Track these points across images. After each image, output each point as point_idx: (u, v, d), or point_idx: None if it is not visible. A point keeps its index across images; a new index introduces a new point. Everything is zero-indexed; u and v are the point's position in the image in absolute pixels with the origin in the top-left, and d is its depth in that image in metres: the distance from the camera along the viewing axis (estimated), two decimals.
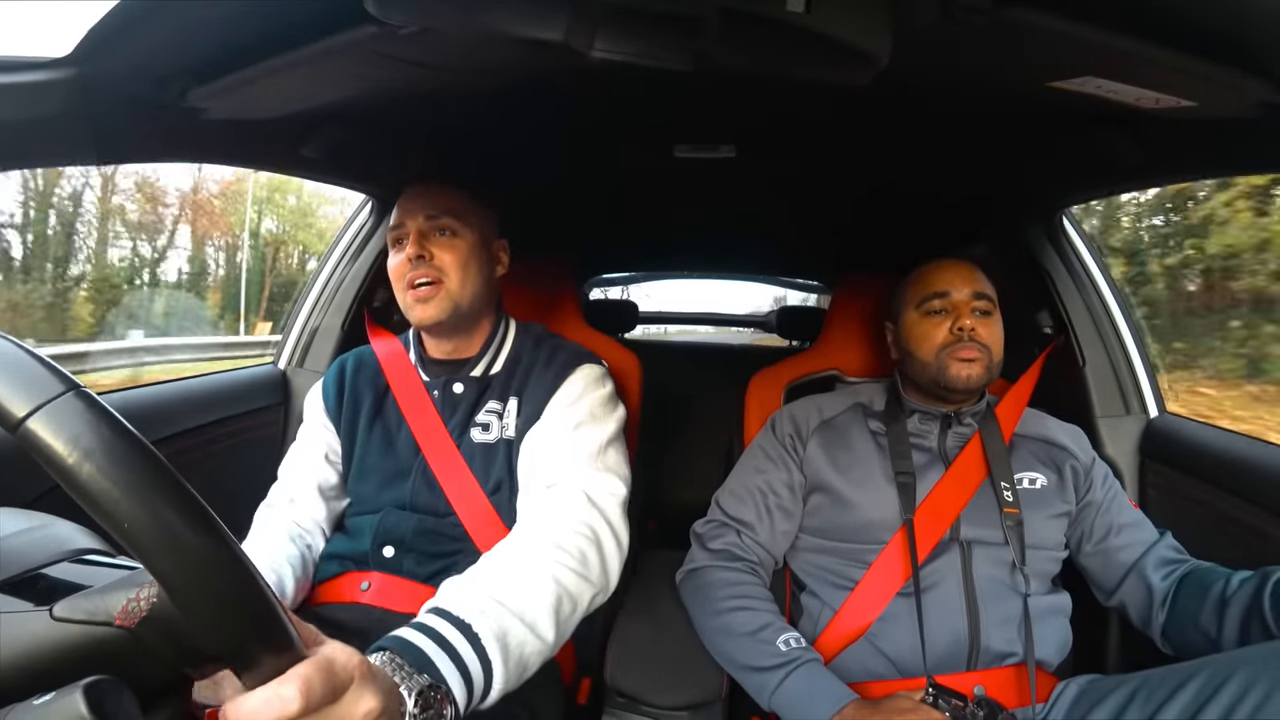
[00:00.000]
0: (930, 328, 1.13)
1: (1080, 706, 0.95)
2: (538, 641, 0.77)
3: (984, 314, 1.13)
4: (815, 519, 1.15)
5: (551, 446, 1.03)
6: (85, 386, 0.39)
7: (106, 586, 0.44)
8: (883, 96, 0.84)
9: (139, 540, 0.38)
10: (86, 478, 0.37)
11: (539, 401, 1.08)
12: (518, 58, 0.86)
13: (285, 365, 1.62)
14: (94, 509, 0.37)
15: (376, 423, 1.13)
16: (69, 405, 0.38)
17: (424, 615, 0.73)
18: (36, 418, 0.37)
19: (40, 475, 0.37)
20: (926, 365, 1.13)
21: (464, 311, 1.09)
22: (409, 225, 1.08)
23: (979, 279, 1.15)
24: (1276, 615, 0.87)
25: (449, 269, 1.07)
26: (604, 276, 3.27)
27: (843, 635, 1.06)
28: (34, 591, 0.46)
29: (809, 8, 0.58)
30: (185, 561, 0.39)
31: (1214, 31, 0.66)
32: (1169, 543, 1.09)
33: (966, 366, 1.09)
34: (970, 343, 1.09)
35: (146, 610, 0.43)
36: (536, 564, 0.85)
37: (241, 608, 0.41)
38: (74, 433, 0.37)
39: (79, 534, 0.53)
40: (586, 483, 0.98)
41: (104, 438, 0.37)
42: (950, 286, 1.13)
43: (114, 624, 0.43)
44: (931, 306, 1.14)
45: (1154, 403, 1.37)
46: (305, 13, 0.74)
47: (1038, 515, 1.08)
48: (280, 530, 1.06)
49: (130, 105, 0.83)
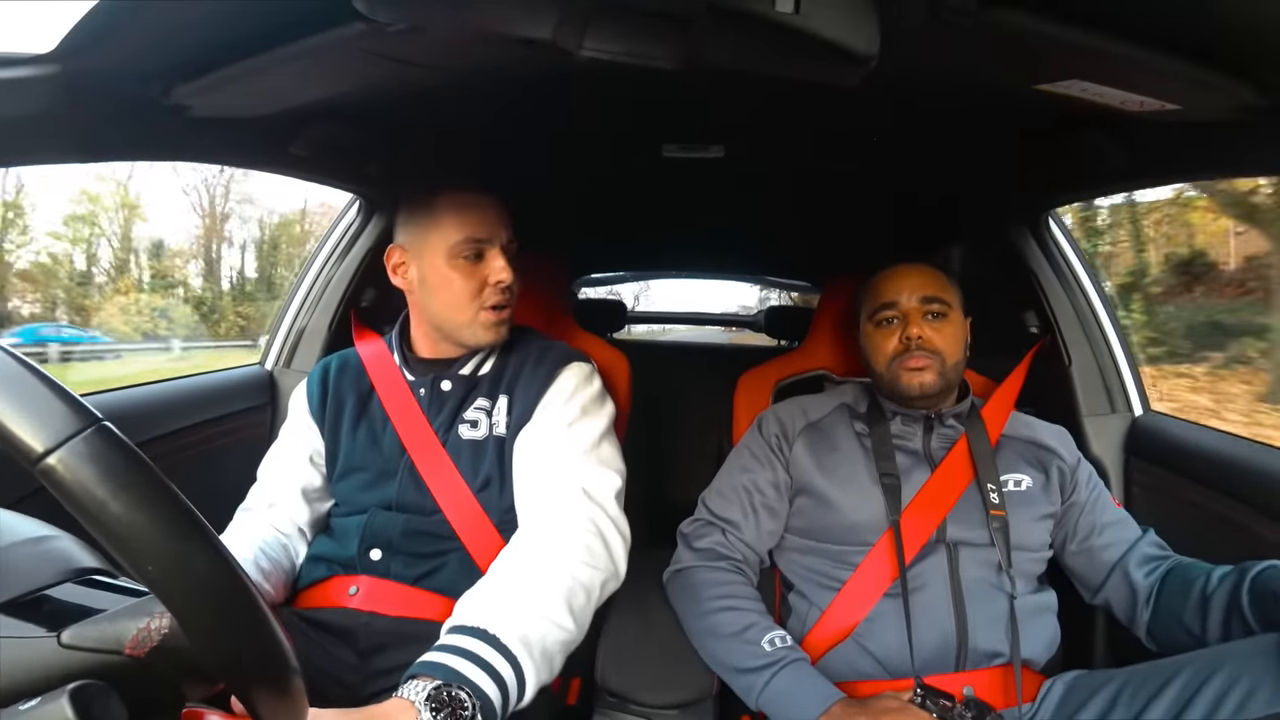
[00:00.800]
0: (882, 339, 1.14)
1: (1068, 704, 0.95)
2: (559, 631, 0.82)
3: (937, 316, 1.13)
4: (801, 520, 1.15)
5: (547, 445, 1.03)
6: (107, 421, 0.38)
7: (116, 614, 0.44)
8: (871, 97, 0.84)
9: (162, 581, 0.37)
10: (111, 518, 0.36)
11: (530, 401, 1.08)
12: (506, 56, 0.86)
13: (272, 366, 1.61)
14: (118, 548, 0.36)
15: (361, 423, 1.12)
16: (92, 442, 0.36)
17: (445, 636, 0.78)
18: (57, 454, 0.35)
19: (22, 477, 0.37)
20: (882, 376, 1.15)
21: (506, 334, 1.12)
22: (494, 243, 1.07)
23: (931, 281, 1.14)
24: (1255, 611, 0.88)
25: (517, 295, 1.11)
26: (593, 276, 3.27)
27: (830, 635, 1.06)
28: (39, 615, 0.45)
29: (797, 8, 0.58)
30: (205, 602, 0.39)
31: (1198, 36, 0.67)
32: (1151, 539, 1.10)
33: (917, 375, 1.10)
34: (918, 352, 1.10)
35: (158, 640, 0.43)
36: (545, 561, 0.88)
37: (253, 642, 0.41)
38: (98, 471, 0.36)
39: (79, 550, 0.52)
40: (584, 479, 0.99)
41: (130, 477, 0.37)
42: (898, 295, 1.13)
43: (124, 653, 0.42)
44: (882, 317, 1.15)
45: (1138, 401, 1.39)
46: (292, 10, 0.73)
47: (1023, 516, 1.09)
48: (255, 537, 1.04)
49: (114, 103, 0.82)
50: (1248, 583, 0.90)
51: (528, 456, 1.04)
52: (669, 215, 2.09)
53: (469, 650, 0.74)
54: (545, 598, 0.83)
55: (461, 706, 0.68)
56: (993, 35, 0.69)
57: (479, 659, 0.74)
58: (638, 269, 3.33)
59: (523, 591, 0.84)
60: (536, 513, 0.97)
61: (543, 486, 1.00)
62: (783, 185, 1.70)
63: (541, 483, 1.01)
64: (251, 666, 0.42)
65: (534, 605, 0.82)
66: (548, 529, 0.93)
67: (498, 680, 0.73)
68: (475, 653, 0.74)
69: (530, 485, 1.02)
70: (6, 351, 0.38)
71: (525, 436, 1.06)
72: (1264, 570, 0.89)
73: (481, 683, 0.72)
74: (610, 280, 3.43)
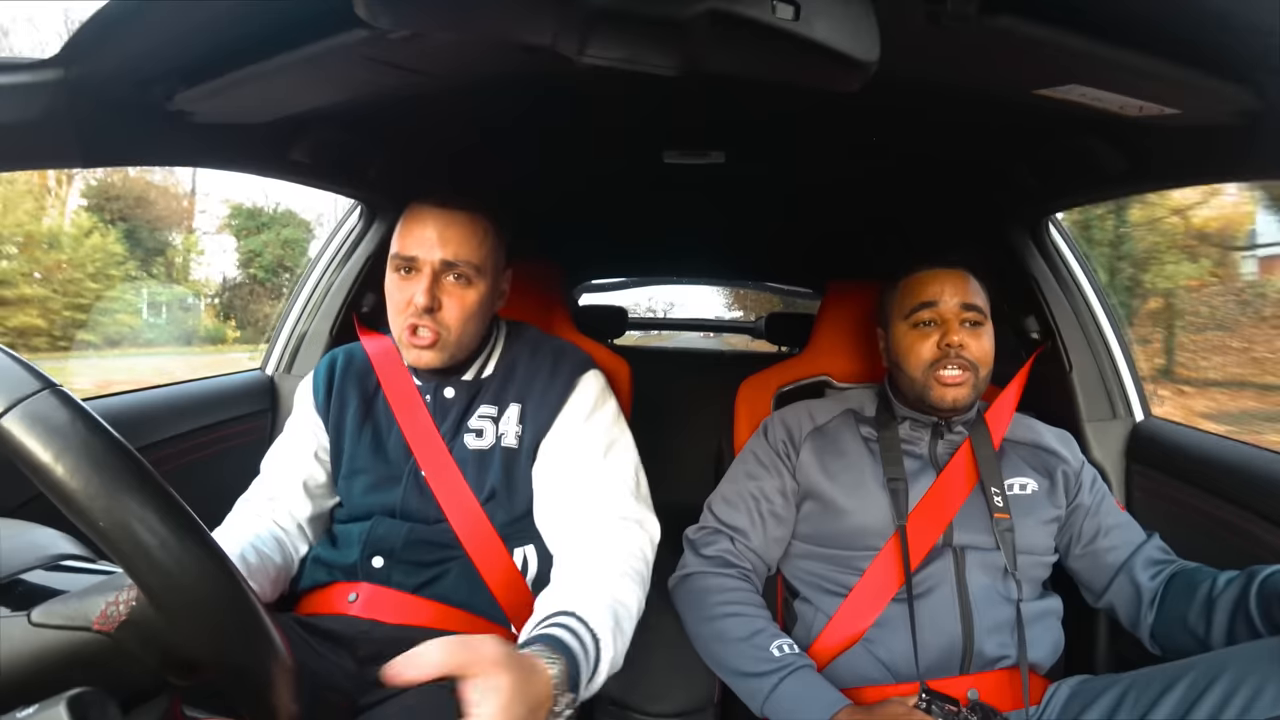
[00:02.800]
0: (917, 341, 1.11)
1: (1072, 708, 0.95)
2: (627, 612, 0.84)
3: (974, 325, 1.10)
4: (808, 526, 1.14)
5: (585, 472, 1.02)
6: (61, 385, 0.38)
7: (85, 591, 0.44)
8: (871, 103, 0.85)
9: (115, 540, 0.37)
10: (61, 475, 0.36)
11: (548, 413, 1.06)
12: (507, 62, 0.86)
13: (273, 371, 1.61)
14: (69, 507, 0.37)
15: (366, 423, 1.10)
16: (44, 403, 0.37)
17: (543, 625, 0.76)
18: (10, 415, 0.36)
19: (23, 482, 0.37)
20: (914, 381, 1.12)
21: (460, 358, 1.07)
22: (421, 263, 1.01)
23: (969, 288, 1.12)
24: (1263, 614, 0.87)
25: (454, 323, 1.02)
26: (594, 282, 3.27)
27: (837, 641, 1.06)
28: (11, 597, 0.45)
29: (797, 14, 0.58)
30: (163, 562, 0.38)
31: (1197, 40, 0.67)
32: (1156, 544, 1.10)
33: (952, 390, 1.08)
34: (957, 360, 1.07)
35: (125, 614, 0.42)
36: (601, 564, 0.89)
37: (223, 612, 0.40)
38: (49, 430, 0.36)
39: (58, 539, 0.52)
40: (636, 524, 0.98)
41: (79, 435, 0.37)
42: (938, 296, 1.10)
43: (93, 628, 0.42)
44: (920, 318, 1.11)
45: (1139, 407, 1.38)
46: (294, 16, 0.73)
47: (1028, 520, 1.09)
48: (247, 532, 1.02)
49: (117, 107, 0.82)
50: (1256, 586, 0.89)
51: (558, 477, 1.03)
52: (669, 221, 2.09)
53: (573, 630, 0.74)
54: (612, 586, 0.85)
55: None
56: (992, 41, 0.69)
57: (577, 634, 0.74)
58: (638, 275, 3.33)
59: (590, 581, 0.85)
60: (591, 546, 0.95)
61: (588, 519, 0.98)
62: (783, 191, 1.70)
63: (586, 514, 0.98)
64: (228, 641, 0.41)
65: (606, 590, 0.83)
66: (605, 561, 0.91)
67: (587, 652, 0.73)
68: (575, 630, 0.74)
69: (567, 509, 1.01)
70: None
71: (551, 454, 1.05)
72: (1273, 574, 0.89)
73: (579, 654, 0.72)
74: (610, 287, 3.43)
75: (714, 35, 0.63)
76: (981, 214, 1.53)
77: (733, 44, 0.66)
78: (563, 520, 1.01)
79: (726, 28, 0.61)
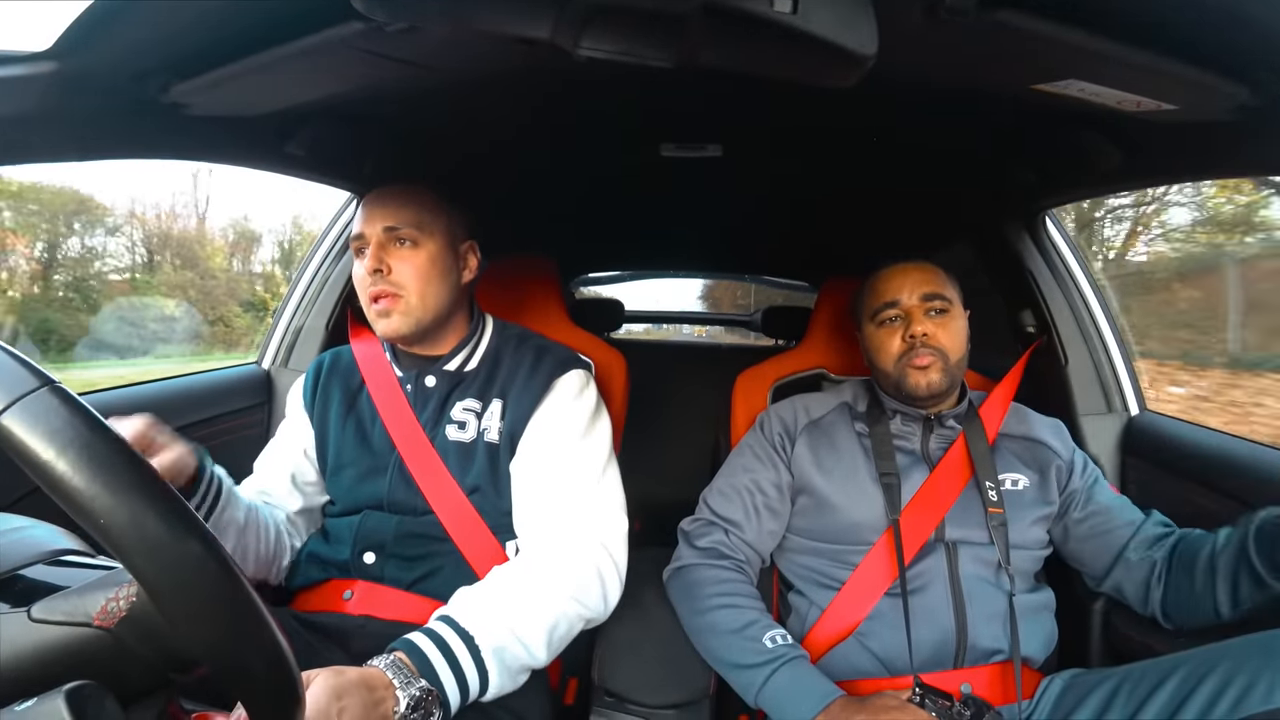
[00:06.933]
0: (885, 338, 1.15)
1: (1065, 702, 0.96)
2: (530, 659, 0.85)
3: (939, 313, 1.13)
4: (802, 520, 1.15)
5: (550, 466, 1.03)
6: (60, 382, 0.38)
7: (85, 586, 0.44)
8: (869, 97, 0.84)
9: (115, 536, 0.37)
10: (61, 473, 0.36)
11: (525, 409, 1.07)
12: (505, 55, 0.86)
13: (269, 365, 1.60)
14: (69, 504, 0.36)
15: (350, 416, 1.12)
16: (44, 400, 0.37)
17: (434, 622, 0.82)
18: (10, 412, 0.36)
19: (19, 478, 0.37)
20: (888, 375, 1.15)
21: (427, 324, 1.07)
22: (368, 236, 1.05)
23: (932, 279, 1.14)
24: (1262, 558, 0.88)
25: (408, 282, 1.04)
26: (590, 276, 3.26)
27: (830, 634, 1.06)
28: (11, 593, 0.45)
29: (795, 7, 0.58)
30: (162, 557, 0.38)
31: (1194, 36, 0.67)
32: (1156, 519, 1.10)
33: (923, 374, 1.11)
34: (923, 349, 1.10)
35: (125, 610, 0.42)
36: (542, 591, 0.90)
37: (223, 608, 0.40)
38: (49, 428, 0.36)
39: (58, 535, 0.52)
40: (594, 519, 0.99)
41: (79, 432, 0.37)
42: (899, 294, 1.14)
43: (93, 624, 0.42)
44: (885, 316, 1.15)
45: (1135, 400, 1.39)
46: (290, 9, 0.73)
47: (1021, 515, 1.09)
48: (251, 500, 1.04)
49: (111, 101, 0.82)
50: (1253, 530, 0.90)
51: (529, 473, 1.04)
52: (667, 214, 2.09)
53: (451, 649, 0.79)
54: (530, 624, 0.86)
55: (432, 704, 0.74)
56: (990, 35, 0.69)
57: (455, 663, 0.79)
58: (635, 268, 3.33)
59: (512, 610, 0.86)
60: (542, 540, 0.97)
61: (549, 514, 0.99)
62: (780, 185, 1.70)
63: (547, 509, 1.00)
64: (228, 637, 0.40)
65: (518, 627, 0.84)
66: (554, 562, 0.93)
67: (463, 688, 0.78)
68: (455, 655, 0.79)
69: (534, 507, 1.02)
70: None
71: (525, 451, 1.05)
72: (1268, 514, 0.90)
73: (449, 689, 0.77)
74: (607, 280, 3.43)
75: (711, 28, 0.63)
76: (978, 207, 1.53)
77: (730, 37, 0.65)
78: (522, 517, 1.03)
79: (723, 21, 0.61)
